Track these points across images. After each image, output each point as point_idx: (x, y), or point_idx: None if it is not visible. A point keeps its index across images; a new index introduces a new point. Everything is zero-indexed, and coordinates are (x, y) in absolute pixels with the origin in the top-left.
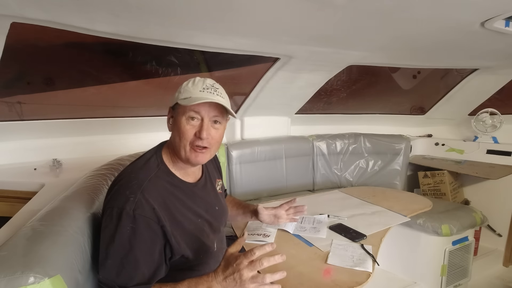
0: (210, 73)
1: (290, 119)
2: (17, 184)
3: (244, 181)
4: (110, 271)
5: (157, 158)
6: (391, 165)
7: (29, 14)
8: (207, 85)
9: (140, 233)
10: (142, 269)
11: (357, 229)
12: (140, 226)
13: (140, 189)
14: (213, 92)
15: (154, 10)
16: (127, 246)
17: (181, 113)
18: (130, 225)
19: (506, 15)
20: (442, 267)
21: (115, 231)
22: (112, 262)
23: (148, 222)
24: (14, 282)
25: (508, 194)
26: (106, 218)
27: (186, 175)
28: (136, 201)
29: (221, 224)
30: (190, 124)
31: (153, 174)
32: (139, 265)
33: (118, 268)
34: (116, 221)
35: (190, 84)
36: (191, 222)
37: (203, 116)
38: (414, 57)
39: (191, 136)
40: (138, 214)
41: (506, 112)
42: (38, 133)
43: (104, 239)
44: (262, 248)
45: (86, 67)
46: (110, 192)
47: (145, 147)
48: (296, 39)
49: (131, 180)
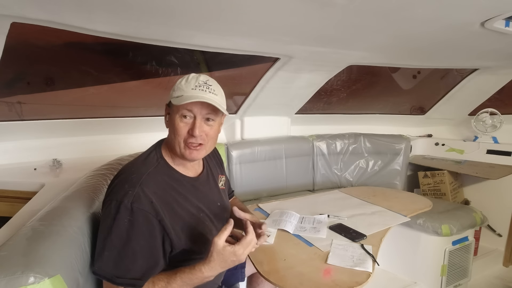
0: (210, 73)
1: (290, 119)
2: (17, 184)
3: (244, 181)
4: (107, 262)
5: (157, 153)
6: (391, 165)
7: (29, 14)
8: (200, 83)
9: (137, 226)
10: (139, 262)
11: (357, 229)
12: (138, 219)
13: (139, 182)
14: (205, 90)
15: (154, 10)
16: (125, 238)
17: (175, 111)
18: (127, 218)
19: (506, 15)
20: (442, 267)
21: (113, 223)
22: (109, 253)
23: (146, 215)
24: (14, 282)
25: (508, 194)
26: (104, 211)
27: (186, 170)
28: (134, 194)
29: (223, 219)
30: (183, 122)
31: (152, 168)
32: (137, 257)
33: (115, 259)
34: (114, 213)
35: (183, 81)
36: (192, 216)
37: (196, 114)
38: (414, 57)
39: (184, 134)
40: (136, 207)
41: (506, 112)
42: (38, 133)
43: (102, 231)
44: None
45: (86, 67)
46: (110, 186)
47: (145, 147)
48: (296, 39)
49: (131, 174)
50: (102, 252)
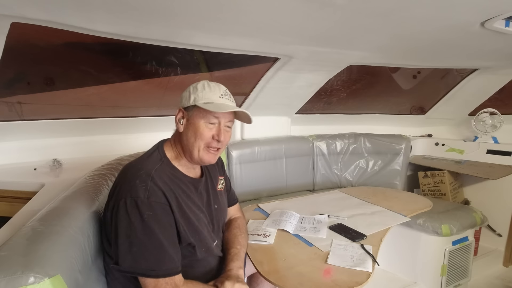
0: (210, 73)
1: (290, 119)
2: (17, 184)
3: (244, 181)
4: (138, 258)
5: (160, 152)
6: (391, 165)
7: (29, 14)
8: (223, 92)
9: (158, 219)
10: (169, 253)
11: (357, 229)
12: (157, 213)
13: (149, 177)
14: (228, 99)
15: (154, 10)
16: (149, 232)
17: (200, 116)
18: (147, 213)
19: (506, 15)
20: (442, 267)
21: (134, 220)
22: (137, 249)
23: (164, 207)
24: (14, 282)
25: (508, 194)
26: (120, 210)
27: (188, 171)
28: (148, 189)
29: (219, 222)
30: (208, 128)
31: (158, 166)
32: (165, 248)
33: (144, 254)
34: (132, 210)
35: (206, 88)
36: (195, 214)
37: (221, 121)
38: (414, 57)
39: (208, 138)
40: (154, 201)
41: (506, 112)
42: (38, 133)
43: (123, 229)
44: None
45: (86, 67)
46: (117, 186)
47: (145, 147)
48: (296, 39)
49: (139, 171)
50: (130, 249)
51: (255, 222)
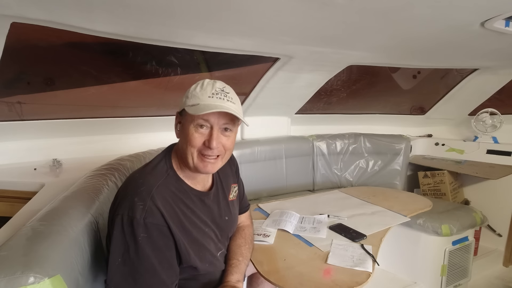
0: (210, 73)
1: (290, 119)
2: (17, 184)
3: (244, 181)
4: (126, 278)
5: (166, 163)
6: (391, 165)
7: (29, 14)
8: (217, 90)
9: (153, 242)
10: (161, 277)
11: (357, 229)
12: (153, 234)
13: (149, 196)
14: (223, 98)
15: (154, 10)
16: (142, 255)
17: (189, 120)
18: (142, 235)
19: (506, 15)
20: (442, 267)
21: (128, 239)
22: (128, 269)
23: (161, 229)
24: (14, 282)
25: (508, 194)
26: (116, 225)
27: (195, 183)
28: (146, 209)
29: (229, 232)
30: (199, 132)
31: (162, 180)
32: (158, 273)
33: (135, 276)
34: (128, 229)
35: (198, 88)
36: (199, 230)
37: (213, 124)
38: (414, 57)
39: (199, 145)
40: (150, 222)
41: (506, 112)
42: (38, 133)
43: (117, 247)
44: None
45: (86, 67)
46: (118, 198)
47: (145, 147)
48: (296, 39)
49: (140, 186)
50: (121, 268)
51: (255, 222)
